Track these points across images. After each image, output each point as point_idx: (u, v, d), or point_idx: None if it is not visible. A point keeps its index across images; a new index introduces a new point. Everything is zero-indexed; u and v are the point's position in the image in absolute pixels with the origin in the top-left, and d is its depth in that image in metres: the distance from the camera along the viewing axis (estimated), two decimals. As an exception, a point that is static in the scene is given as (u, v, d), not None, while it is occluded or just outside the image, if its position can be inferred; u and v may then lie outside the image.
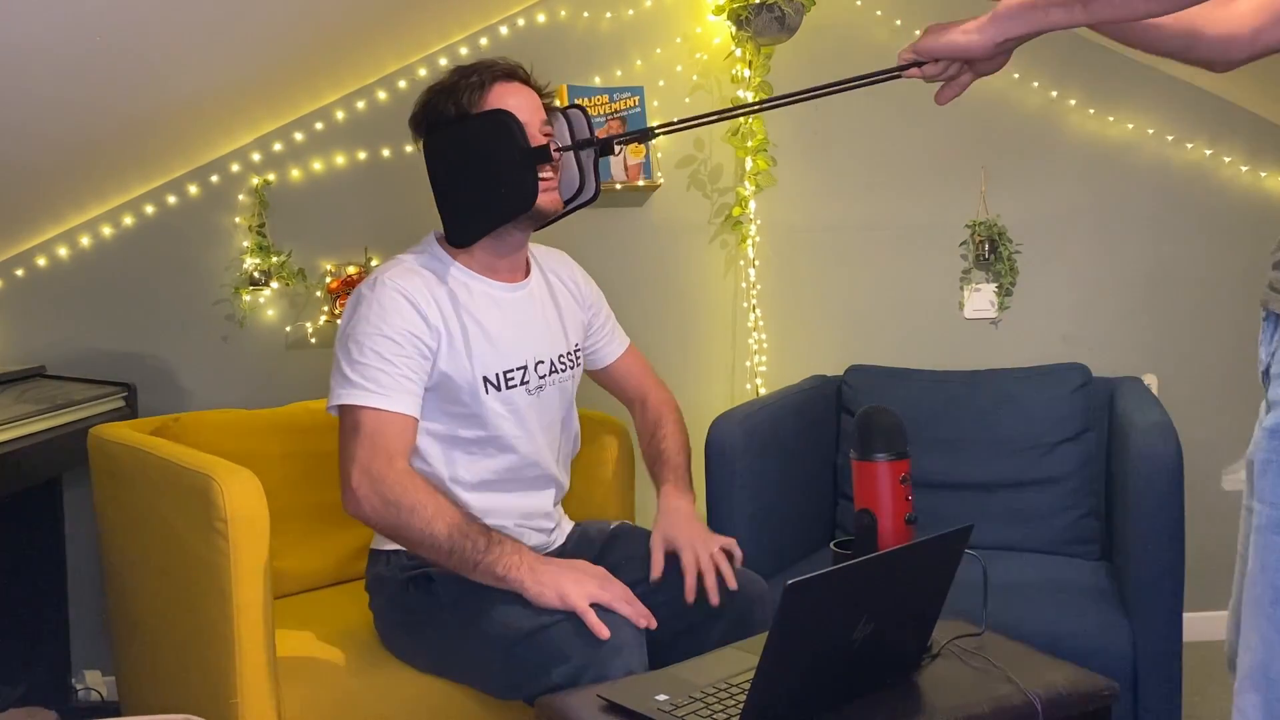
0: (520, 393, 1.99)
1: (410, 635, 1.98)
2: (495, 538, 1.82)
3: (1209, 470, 3.14)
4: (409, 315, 1.89)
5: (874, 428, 1.75)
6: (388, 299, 1.89)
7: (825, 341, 3.14)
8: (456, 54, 2.96)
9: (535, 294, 2.07)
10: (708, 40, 3.06)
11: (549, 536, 2.10)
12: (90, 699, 2.81)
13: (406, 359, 1.88)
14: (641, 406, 2.25)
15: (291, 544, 2.36)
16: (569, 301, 2.15)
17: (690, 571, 1.90)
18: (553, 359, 2.05)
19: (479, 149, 1.92)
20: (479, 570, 1.80)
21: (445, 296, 1.94)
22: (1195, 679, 2.63)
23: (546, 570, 1.79)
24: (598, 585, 1.77)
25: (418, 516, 1.80)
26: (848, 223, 3.14)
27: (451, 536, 1.80)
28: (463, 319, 1.94)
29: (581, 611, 1.73)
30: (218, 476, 1.83)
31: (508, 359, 1.98)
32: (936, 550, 1.58)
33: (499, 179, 1.91)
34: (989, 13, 1.51)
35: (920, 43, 1.58)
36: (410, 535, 1.82)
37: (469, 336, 1.94)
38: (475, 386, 1.94)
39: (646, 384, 2.26)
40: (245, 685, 1.83)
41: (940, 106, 1.67)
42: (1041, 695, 1.56)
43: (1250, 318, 3.22)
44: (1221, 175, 3.13)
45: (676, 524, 1.98)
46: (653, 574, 1.92)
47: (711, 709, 1.50)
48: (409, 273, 1.94)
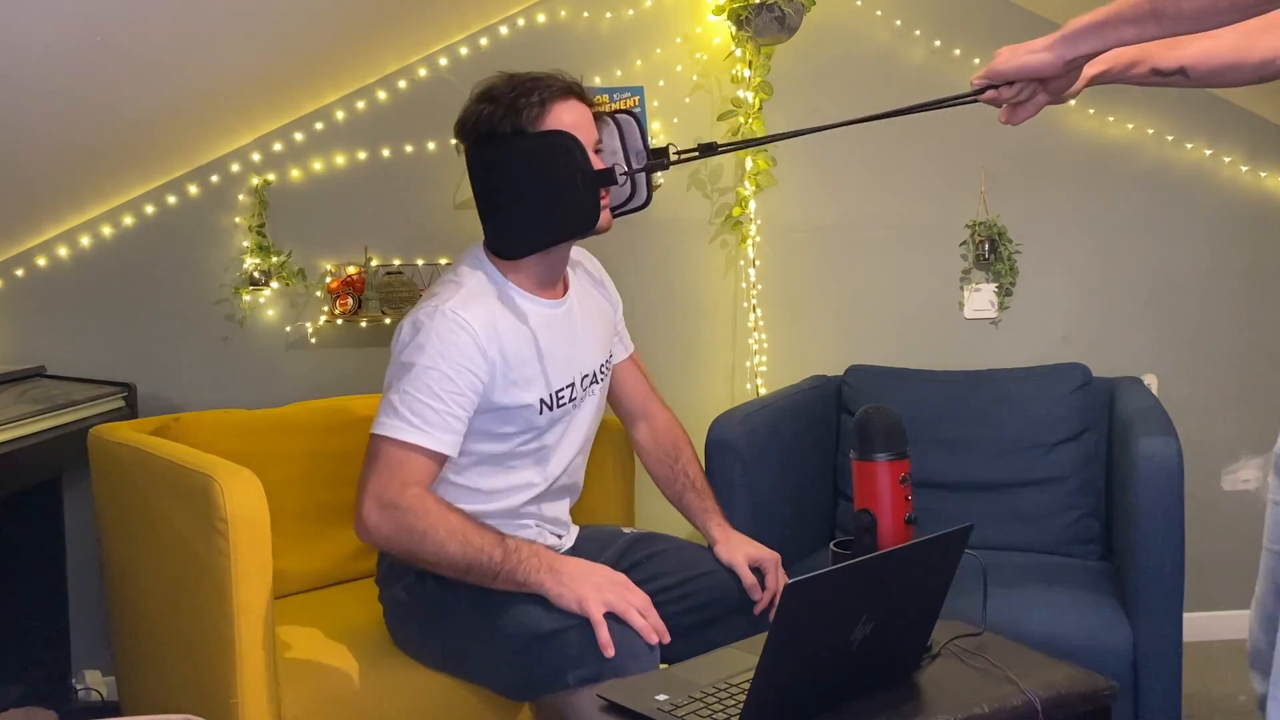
0: (568, 409, 2.02)
1: (422, 630, 1.99)
2: (510, 546, 1.81)
3: (1209, 470, 3.14)
4: (467, 350, 1.86)
5: (874, 428, 1.75)
6: (448, 332, 1.86)
7: (825, 341, 3.14)
8: (456, 54, 2.96)
9: (574, 308, 2.06)
10: (708, 40, 3.06)
11: (560, 540, 2.11)
12: (90, 699, 2.81)
13: (458, 396, 1.86)
14: (649, 427, 2.24)
15: (292, 544, 2.36)
16: (602, 305, 2.16)
17: (771, 592, 2.00)
18: (594, 371, 2.08)
19: (538, 168, 1.89)
20: (499, 581, 1.81)
21: (503, 324, 1.92)
22: (1195, 679, 2.63)
23: (567, 572, 1.79)
24: (616, 594, 1.77)
25: (430, 541, 1.79)
26: (848, 223, 3.14)
27: (466, 555, 1.79)
28: (520, 346, 1.93)
29: (595, 622, 1.73)
30: (218, 476, 1.83)
31: (560, 378, 1.99)
32: (936, 550, 1.58)
33: (559, 199, 1.89)
34: (1061, 30, 1.52)
35: (992, 66, 1.60)
36: (424, 559, 1.83)
37: (526, 362, 1.94)
38: (531, 409, 1.95)
39: (650, 401, 2.26)
40: (245, 685, 1.83)
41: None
42: (1041, 695, 1.56)
43: (1250, 317, 3.23)
44: (1221, 175, 3.13)
45: (748, 541, 2.07)
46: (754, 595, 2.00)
47: (711, 709, 1.50)
48: (469, 300, 1.90)
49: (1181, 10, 1.36)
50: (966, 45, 3.08)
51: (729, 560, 2.02)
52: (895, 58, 3.11)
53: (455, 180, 2.96)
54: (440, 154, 2.97)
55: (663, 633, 1.77)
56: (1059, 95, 1.63)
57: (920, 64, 3.10)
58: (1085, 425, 2.70)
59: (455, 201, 2.98)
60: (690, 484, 2.17)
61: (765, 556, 2.03)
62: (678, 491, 2.18)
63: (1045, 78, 1.57)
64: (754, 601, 2.00)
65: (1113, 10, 1.44)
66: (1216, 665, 2.90)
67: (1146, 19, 1.40)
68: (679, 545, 2.10)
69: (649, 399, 2.26)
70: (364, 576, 2.42)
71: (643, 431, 2.25)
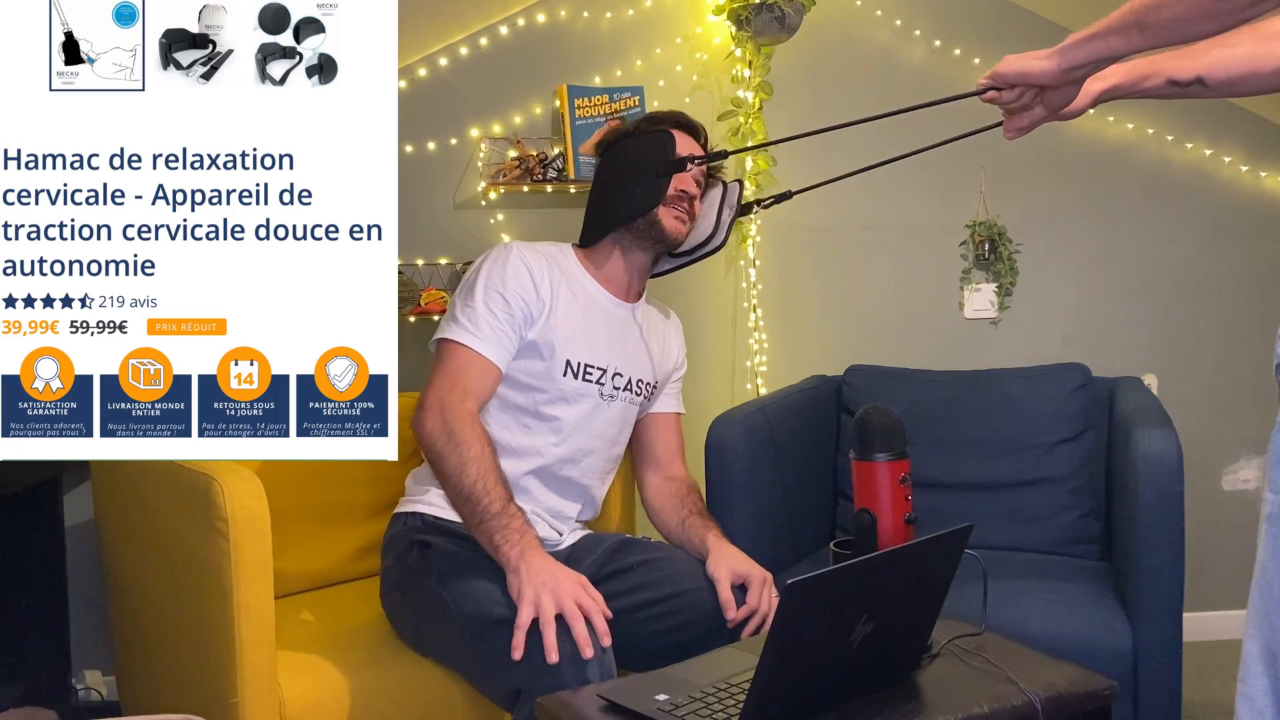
0: (594, 391, 2.10)
1: (403, 597, 2.02)
2: (512, 510, 1.87)
3: (1209, 470, 3.14)
4: (524, 280, 2.05)
5: (874, 428, 1.75)
6: (511, 262, 2.06)
7: (825, 341, 3.14)
8: (457, 54, 2.96)
9: (637, 319, 2.20)
10: (708, 40, 3.06)
11: (559, 535, 2.11)
12: (90, 699, 2.81)
13: (510, 316, 2.03)
14: (665, 475, 2.24)
15: (292, 543, 2.36)
16: (663, 348, 2.26)
17: (753, 606, 1.95)
18: (632, 379, 2.15)
19: (632, 159, 2.14)
20: (481, 529, 1.86)
21: (561, 284, 2.10)
22: (1195, 679, 2.63)
23: (533, 566, 1.79)
24: (571, 599, 1.76)
25: (460, 452, 1.90)
26: (848, 223, 3.14)
27: (475, 484, 1.87)
28: (569, 304, 2.09)
29: (543, 625, 1.73)
30: (219, 476, 1.83)
31: (594, 356, 2.10)
32: (936, 550, 1.58)
33: (635, 182, 2.12)
34: (1062, 42, 1.56)
35: (996, 68, 1.64)
36: (446, 466, 1.91)
37: (570, 319, 2.07)
38: (558, 363, 2.06)
39: (676, 457, 2.27)
40: (246, 685, 1.83)
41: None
42: (1041, 695, 1.56)
43: (1250, 317, 3.23)
44: (1221, 175, 3.13)
45: (738, 556, 2.02)
46: (727, 614, 1.93)
47: (711, 709, 1.50)
48: (536, 251, 2.12)
49: (1160, 20, 1.40)
50: (966, 45, 3.09)
51: (713, 574, 1.97)
52: (895, 58, 3.11)
53: (455, 180, 2.96)
54: (440, 154, 2.97)
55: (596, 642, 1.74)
56: (1058, 110, 1.66)
57: (920, 64, 3.10)
58: (1085, 425, 2.70)
59: (455, 202, 2.98)
60: (695, 509, 2.15)
61: (753, 573, 1.98)
62: (681, 518, 2.14)
63: (1043, 85, 1.60)
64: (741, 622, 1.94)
65: (1104, 23, 1.49)
66: (1216, 665, 2.90)
67: (1131, 29, 1.44)
68: (668, 555, 2.06)
69: (675, 455, 2.27)
70: (364, 576, 2.42)
71: (653, 484, 2.24)
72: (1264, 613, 1.43)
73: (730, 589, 1.94)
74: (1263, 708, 1.42)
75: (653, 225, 2.12)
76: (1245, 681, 1.46)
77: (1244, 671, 1.46)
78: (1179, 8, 1.37)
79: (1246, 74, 1.66)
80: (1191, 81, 1.69)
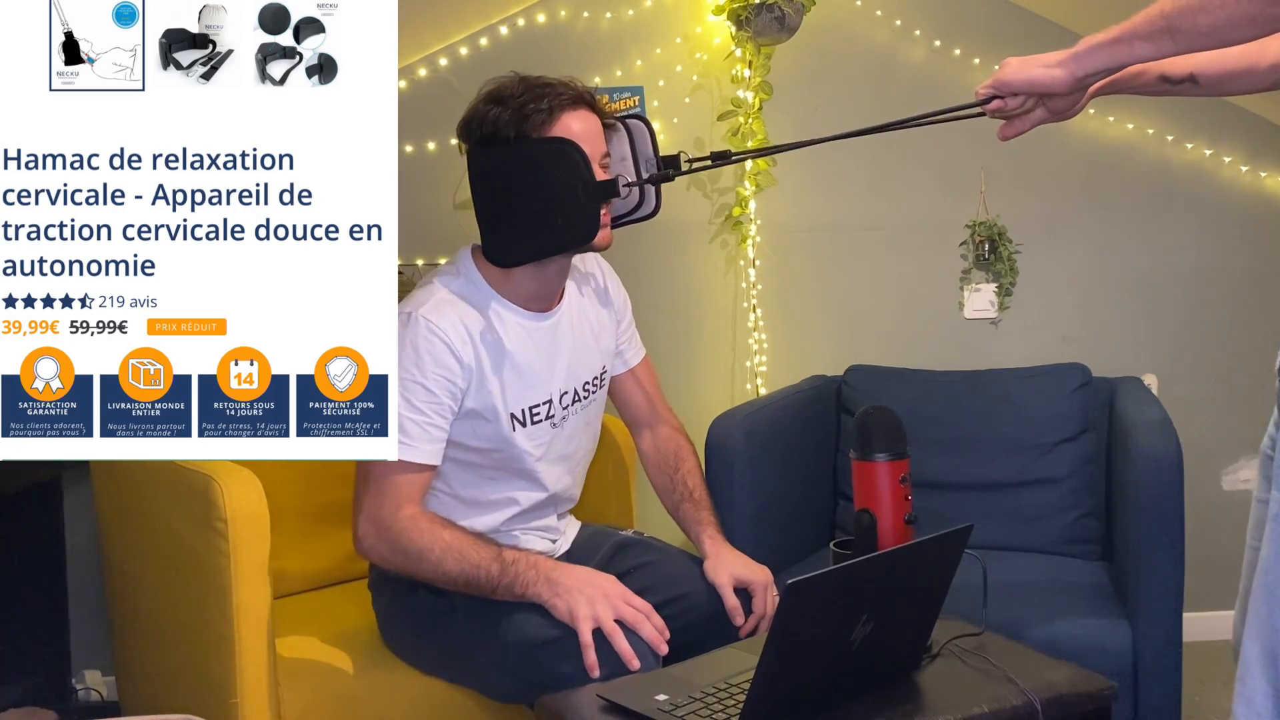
0: (544, 427, 1.98)
1: (418, 637, 1.98)
2: (508, 559, 1.82)
3: (1209, 470, 3.14)
4: (443, 358, 1.85)
5: (874, 428, 1.75)
6: (422, 341, 1.85)
7: (825, 341, 3.13)
8: (456, 54, 2.96)
9: (564, 321, 2.02)
10: (708, 40, 3.06)
11: (554, 544, 2.10)
12: (90, 699, 2.81)
13: (436, 405, 1.86)
14: (652, 434, 2.20)
15: (292, 544, 2.36)
16: (601, 319, 2.11)
17: (759, 613, 1.93)
18: (576, 388, 2.03)
19: (539, 175, 1.85)
20: (498, 594, 1.82)
21: (479, 331, 1.90)
22: (1195, 679, 2.63)
23: (563, 583, 1.78)
24: (610, 608, 1.75)
25: (427, 560, 1.82)
26: (848, 223, 3.14)
27: (464, 571, 1.81)
28: (494, 356, 1.91)
29: (583, 645, 1.72)
30: (218, 476, 1.83)
31: (533, 394, 1.95)
32: (936, 550, 1.58)
33: (557, 210, 1.85)
34: (1074, 47, 1.50)
35: (1000, 76, 1.56)
36: (423, 576, 1.85)
37: (500, 372, 1.91)
38: (501, 422, 1.92)
39: (658, 410, 2.22)
40: (245, 685, 1.84)
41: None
42: (1041, 695, 1.56)
43: (1250, 317, 3.23)
44: (1221, 175, 3.13)
45: (739, 560, 1.98)
46: (735, 620, 1.91)
47: (711, 709, 1.51)
48: (444, 306, 1.89)
49: (1197, 26, 1.33)
50: (966, 45, 3.08)
51: (714, 579, 1.94)
52: (895, 58, 3.11)
53: (455, 180, 2.95)
54: (440, 154, 2.96)
55: (656, 645, 1.75)
56: (1060, 113, 1.62)
57: (920, 64, 3.10)
58: (1085, 425, 2.70)
59: (455, 202, 2.98)
60: (688, 494, 2.11)
61: (755, 578, 1.95)
62: (675, 501, 2.13)
63: (1054, 94, 1.55)
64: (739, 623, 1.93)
65: (1127, 27, 1.41)
66: (1216, 665, 2.89)
67: (1161, 35, 1.37)
68: (667, 557, 2.05)
69: (655, 408, 2.22)
70: (364, 577, 2.41)
71: (646, 440, 2.21)
72: (1265, 614, 1.42)
73: (734, 594, 1.92)
74: (1261, 709, 1.41)
75: (586, 247, 1.93)
76: (1244, 682, 1.44)
77: (1242, 672, 1.44)
78: (1220, 14, 1.30)
79: (1240, 71, 1.63)
80: (1184, 79, 1.66)
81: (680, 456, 2.16)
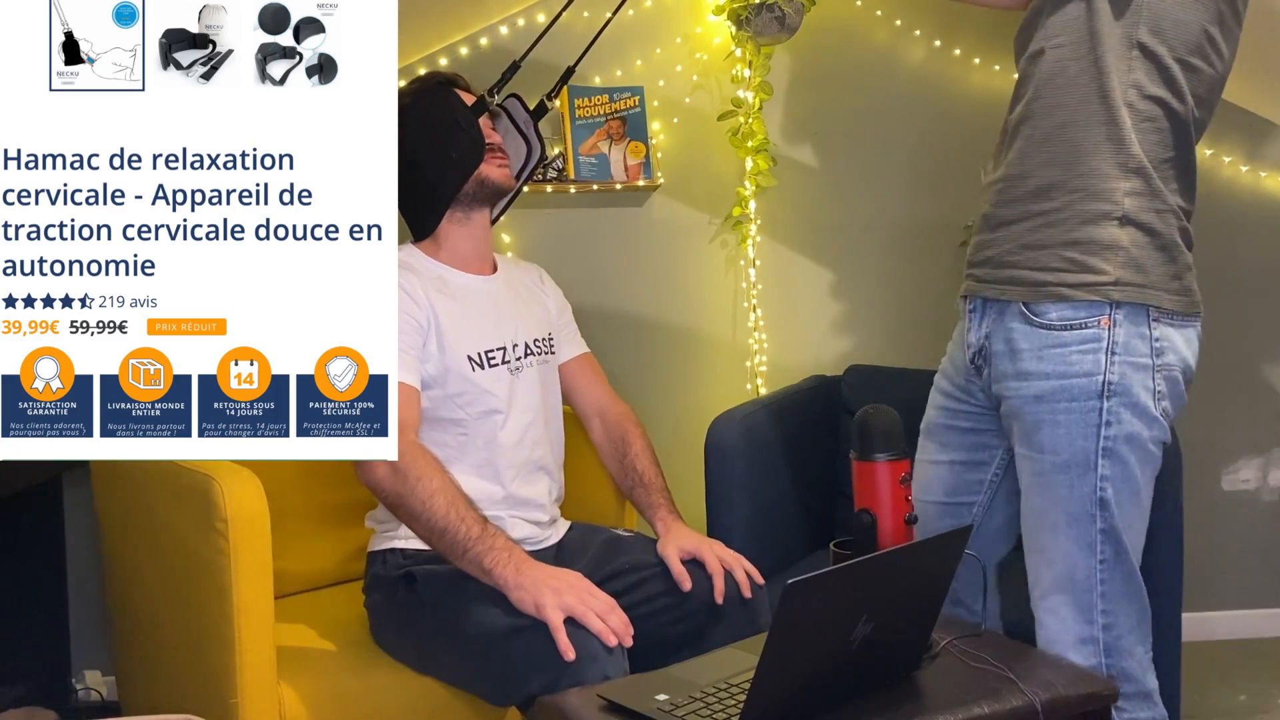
0: (503, 371, 2.06)
1: (399, 634, 2.00)
2: (490, 530, 1.83)
3: (1209, 470, 3.14)
4: (404, 303, 1.95)
5: (873, 428, 1.75)
6: None
7: (825, 341, 3.14)
8: (456, 54, 2.96)
9: (504, 287, 2.17)
10: (708, 40, 3.06)
11: (543, 531, 2.10)
12: (90, 699, 2.81)
13: (404, 335, 1.94)
14: (601, 420, 2.25)
15: (291, 544, 2.36)
16: (536, 297, 2.24)
17: (718, 573, 1.94)
18: (528, 342, 2.12)
19: (420, 126, 2.04)
20: (467, 558, 1.81)
21: (428, 288, 2.04)
22: (1195, 679, 2.63)
23: (530, 575, 1.78)
24: (576, 598, 1.75)
25: (421, 487, 1.84)
26: (848, 223, 3.14)
27: (448, 515, 1.82)
28: (445, 305, 2.04)
29: (553, 628, 1.72)
30: (218, 476, 1.83)
31: (488, 339, 2.06)
32: (936, 550, 1.58)
33: (448, 143, 2.04)
34: None
35: None
36: (411, 505, 1.85)
37: (453, 319, 2.03)
38: (461, 365, 2.01)
39: (604, 396, 2.27)
40: (245, 685, 1.84)
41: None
42: (1041, 695, 1.56)
43: (1250, 318, 3.22)
44: (1221, 175, 3.13)
45: (687, 534, 2.01)
46: (683, 586, 1.93)
47: (711, 709, 1.51)
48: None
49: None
50: (966, 45, 3.08)
51: (662, 554, 1.98)
52: (895, 58, 3.11)
53: (455, 180, 2.96)
54: (440, 154, 2.97)
55: (623, 635, 1.75)
56: None
57: (920, 64, 3.10)
58: (1085, 425, 2.69)
59: (455, 201, 2.98)
60: (639, 478, 2.14)
61: (700, 546, 1.98)
62: (628, 487, 2.17)
63: None
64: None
65: None
66: (1216, 665, 2.90)
67: None
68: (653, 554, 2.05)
69: (603, 396, 2.27)
70: (364, 577, 2.42)
71: (597, 430, 2.25)
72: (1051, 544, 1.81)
73: (681, 564, 1.95)
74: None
75: (482, 184, 2.08)
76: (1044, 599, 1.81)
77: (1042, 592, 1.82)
78: None
79: None
80: None
81: (627, 441, 2.19)
